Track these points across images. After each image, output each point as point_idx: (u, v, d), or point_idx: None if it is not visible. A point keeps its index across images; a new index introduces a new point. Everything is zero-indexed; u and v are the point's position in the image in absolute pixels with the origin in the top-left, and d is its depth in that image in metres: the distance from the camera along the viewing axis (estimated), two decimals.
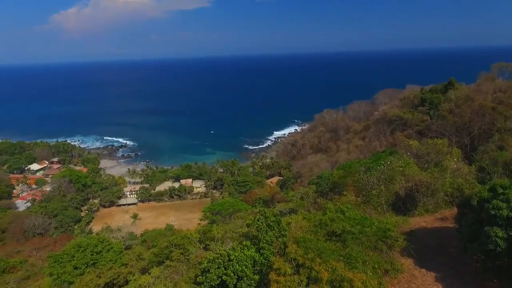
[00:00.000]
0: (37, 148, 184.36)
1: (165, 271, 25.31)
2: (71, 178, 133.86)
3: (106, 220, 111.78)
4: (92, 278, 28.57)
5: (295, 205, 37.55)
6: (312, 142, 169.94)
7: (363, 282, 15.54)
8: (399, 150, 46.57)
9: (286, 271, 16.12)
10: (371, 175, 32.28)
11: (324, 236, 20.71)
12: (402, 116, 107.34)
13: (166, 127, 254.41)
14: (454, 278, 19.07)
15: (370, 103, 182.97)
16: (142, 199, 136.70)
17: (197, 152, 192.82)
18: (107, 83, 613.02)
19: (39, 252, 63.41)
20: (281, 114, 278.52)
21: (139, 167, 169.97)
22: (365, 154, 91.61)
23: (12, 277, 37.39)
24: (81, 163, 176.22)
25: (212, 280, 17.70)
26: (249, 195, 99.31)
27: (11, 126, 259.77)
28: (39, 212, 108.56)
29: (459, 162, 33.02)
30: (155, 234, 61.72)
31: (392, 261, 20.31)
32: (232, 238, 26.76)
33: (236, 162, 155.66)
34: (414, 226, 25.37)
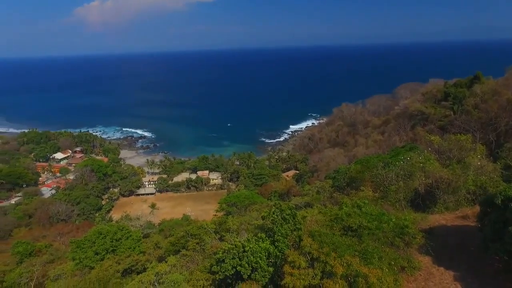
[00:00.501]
0: (61, 137, 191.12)
1: (181, 260, 25.86)
2: (92, 167, 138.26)
3: (125, 209, 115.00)
4: (112, 264, 29.57)
5: (310, 199, 37.37)
6: (329, 136, 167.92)
7: (379, 278, 15.35)
8: (420, 146, 45.35)
9: (300, 264, 16.11)
10: (389, 170, 31.60)
11: (340, 231, 20.52)
12: (424, 111, 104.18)
13: (184, 119, 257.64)
14: (474, 278, 18.53)
15: (390, 97, 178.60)
16: (160, 189, 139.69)
17: (214, 144, 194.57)
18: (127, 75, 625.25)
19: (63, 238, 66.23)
20: (299, 107, 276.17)
21: (158, 158, 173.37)
22: (384, 149, 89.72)
23: (38, 260, 39.20)
24: (102, 153, 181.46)
25: (226, 270, 17.96)
26: (265, 188, 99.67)
27: (37, 116, 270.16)
28: (63, 200, 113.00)
29: (483, 159, 31.76)
30: (172, 224, 63.04)
31: (409, 258, 19.92)
32: (247, 230, 26.97)
33: (252, 155, 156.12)
34: (433, 224, 24.74)
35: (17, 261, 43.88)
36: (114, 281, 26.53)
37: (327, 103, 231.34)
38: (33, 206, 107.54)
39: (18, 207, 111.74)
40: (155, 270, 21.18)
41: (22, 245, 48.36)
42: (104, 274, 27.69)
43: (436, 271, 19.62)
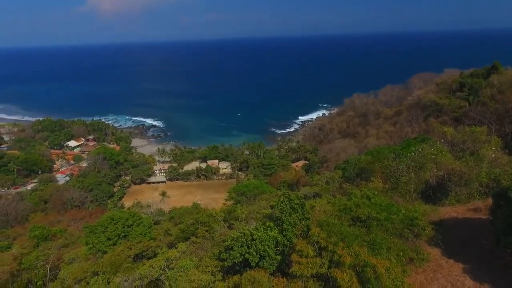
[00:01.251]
0: (75, 126, 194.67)
1: (191, 246, 26.34)
2: (105, 155, 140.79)
3: (136, 196, 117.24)
4: (123, 249, 30.33)
5: (319, 189, 37.33)
6: (340, 127, 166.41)
7: (387, 268, 15.36)
8: (432, 138, 44.52)
9: (308, 253, 16.21)
10: (400, 162, 31.21)
11: (348, 221, 20.52)
12: (438, 102, 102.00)
13: (194, 109, 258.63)
14: (484, 270, 18.36)
15: (403, 88, 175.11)
16: (170, 178, 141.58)
17: (224, 134, 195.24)
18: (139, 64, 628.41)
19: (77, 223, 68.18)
20: (310, 98, 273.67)
21: (168, 146, 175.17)
22: (395, 141, 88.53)
23: (53, 244, 40.50)
24: (114, 141, 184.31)
25: (235, 257, 18.23)
26: (274, 178, 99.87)
27: (51, 105, 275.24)
28: (77, 186, 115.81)
29: (498, 152, 31.04)
30: (182, 212, 63.94)
31: (418, 250, 19.85)
32: (255, 218, 27.21)
33: (262, 145, 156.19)
34: (443, 216, 24.48)
35: (34, 244, 45.42)
36: (125, 266, 27.26)
37: (338, 94, 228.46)
38: (48, 192, 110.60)
39: (34, 193, 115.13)
40: (165, 256, 21.64)
41: (38, 229, 49.96)
42: (116, 258, 28.46)
43: (445, 263, 19.50)
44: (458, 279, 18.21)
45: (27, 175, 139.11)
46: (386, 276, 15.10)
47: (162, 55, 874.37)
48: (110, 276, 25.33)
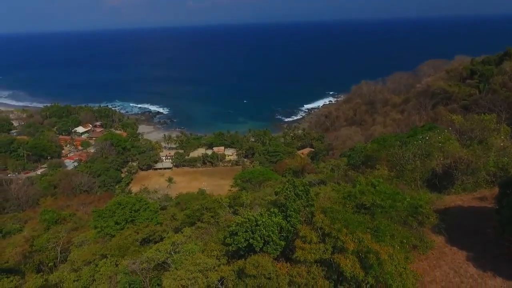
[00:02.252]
0: (82, 112, 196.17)
1: (196, 231, 26.79)
2: (112, 141, 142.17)
3: (143, 182, 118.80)
4: (131, 233, 30.99)
5: (324, 177, 37.41)
6: (346, 114, 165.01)
7: (390, 255, 15.49)
8: (440, 126, 44.00)
9: (312, 239, 16.39)
10: (407, 149, 31.01)
11: (353, 208, 20.60)
12: (447, 89, 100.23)
13: (200, 95, 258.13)
14: (488, 259, 18.41)
15: (412, 75, 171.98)
16: (176, 164, 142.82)
17: (230, 120, 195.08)
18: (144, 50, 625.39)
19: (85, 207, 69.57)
20: (317, 85, 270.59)
21: (174, 133, 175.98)
22: (403, 129, 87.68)
23: (63, 227, 41.52)
24: (121, 127, 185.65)
25: (239, 242, 18.50)
26: (279, 165, 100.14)
27: (58, 91, 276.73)
28: (85, 172, 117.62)
29: (507, 140, 30.60)
30: (188, 198, 64.69)
31: (422, 237, 19.94)
32: (260, 204, 27.47)
33: (267, 132, 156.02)
34: (449, 204, 24.44)
35: (44, 227, 46.60)
36: (133, 249, 27.91)
37: (345, 81, 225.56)
38: (58, 177, 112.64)
39: (43, 178, 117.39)
40: (171, 240, 22.07)
41: (48, 213, 51.15)
42: (124, 242, 29.13)
43: (448, 251, 19.59)
44: (461, 267, 18.31)
45: (36, 160, 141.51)
46: (388, 263, 15.26)
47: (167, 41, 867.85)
48: (118, 258, 26.00)
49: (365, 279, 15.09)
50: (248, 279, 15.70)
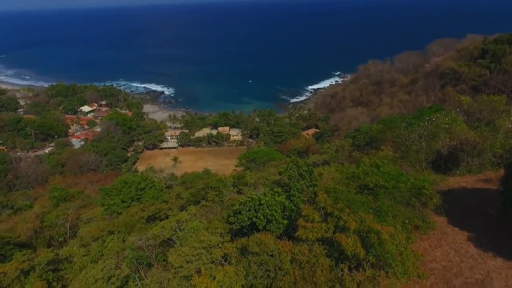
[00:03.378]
0: (87, 91, 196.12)
1: (201, 210, 27.26)
2: (117, 120, 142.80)
3: (149, 161, 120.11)
4: (137, 211, 31.65)
5: (328, 157, 37.41)
6: (353, 95, 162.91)
7: (391, 235, 15.64)
8: (448, 107, 43.30)
9: (314, 218, 16.59)
10: (412, 131, 30.72)
11: (356, 189, 20.71)
12: (457, 69, 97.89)
13: (204, 75, 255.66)
14: (489, 239, 18.54)
15: (421, 54, 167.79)
16: (182, 144, 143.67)
17: (235, 100, 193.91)
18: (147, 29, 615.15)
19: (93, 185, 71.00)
20: (323, 65, 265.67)
21: (179, 113, 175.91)
22: (409, 110, 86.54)
23: (71, 205, 42.57)
24: (126, 107, 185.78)
25: (243, 221, 18.83)
26: (284, 145, 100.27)
27: (63, 70, 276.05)
28: (91, 151, 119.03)
29: None
30: (193, 177, 65.54)
31: (424, 218, 20.06)
32: (264, 184, 27.72)
33: (272, 112, 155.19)
34: (453, 186, 24.42)
35: (54, 204, 47.85)
36: (139, 226, 28.61)
37: (353, 60, 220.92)
38: (65, 156, 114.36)
39: (51, 156, 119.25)
40: (176, 218, 22.51)
41: (57, 190, 52.35)
42: (130, 219, 29.82)
43: (450, 231, 19.75)
44: (462, 247, 18.50)
45: (44, 139, 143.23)
46: (390, 242, 15.43)
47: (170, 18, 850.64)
48: (125, 235, 26.72)
49: (366, 258, 15.35)
50: (251, 256, 16.07)
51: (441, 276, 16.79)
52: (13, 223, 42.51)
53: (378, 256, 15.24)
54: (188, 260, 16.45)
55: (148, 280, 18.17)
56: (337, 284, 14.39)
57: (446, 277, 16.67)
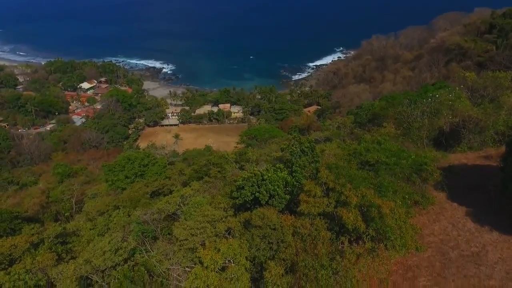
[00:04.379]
0: (86, 67, 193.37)
1: (204, 185, 27.69)
2: (118, 97, 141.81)
3: (151, 138, 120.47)
4: (141, 186, 32.18)
5: (330, 134, 37.48)
6: (355, 71, 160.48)
7: (391, 209, 15.99)
8: (452, 84, 42.82)
9: (316, 193, 16.90)
10: (415, 108, 30.58)
11: (357, 165, 20.94)
12: (463, 45, 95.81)
13: (204, 51, 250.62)
14: (487, 214, 18.93)
15: (427, 29, 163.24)
16: (183, 121, 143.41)
17: (236, 77, 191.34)
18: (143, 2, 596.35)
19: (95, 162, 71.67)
20: (325, 41, 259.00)
21: (180, 90, 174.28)
22: (413, 87, 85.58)
23: (76, 181, 43.29)
24: (126, 83, 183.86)
25: (246, 196, 19.21)
26: (285, 122, 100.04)
27: (61, 45, 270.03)
28: (93, 128, 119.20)
29: None
30: (195, 154, 66.05)
31: (424, 193, 20.39)
32: (266, 161, 27.97)
33: (274, 89, 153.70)
34: (453, 162, 24.61)
35: (58, 180, 48.59)
36: (144, 201, 29.19)
37: (356, 35, 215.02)
38: (67, 133, 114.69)
39: (53, 134, 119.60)
40: (180, 193, 22.95)
41: (61, 167, 53.01)
42: (135, 194, 30.39)
43: (449, 206, 20.14)
44: (460, 221, 18.95)
45: (44, 116, 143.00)
46: (389, 216, 15.81)
47: None
48: (130, 210, 27.31)
49: (366, 231, 15.78)
50: (254, 229, 16.51)
51: (438, 249, 17.33)
52: (20, 199, 43.37)
53: (378, 230, 15.66)
54: (192, 233, 16.92)
55: (154, 252, 18.78)
56: (337, 256, 14.87)
57: (443, 250, 17.20)
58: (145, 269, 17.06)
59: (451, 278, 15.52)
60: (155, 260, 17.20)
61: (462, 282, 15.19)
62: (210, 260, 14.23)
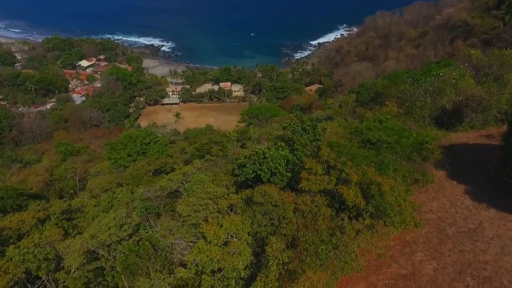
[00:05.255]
0: (84, 44, 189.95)
1: (206, 163, 27.94)
2: (118, 76, 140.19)
3: (151, 117, 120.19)
4: (143, 164, 32.50)
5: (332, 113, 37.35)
6: (358, 49, 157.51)
7: (391, 187, 16.23)
8: (456, 62, 42.13)
9: (317, 171, 17.09)
10: (418, 86, 30.27)
11: (359, 143, 21.01)
12: (469, 22, 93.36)
13: (204, 28, 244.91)
14: (485, 192, 19.18)
15: (433, 5, 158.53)
16: (183, 100, 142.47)
17: (236, 54, 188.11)
18: None
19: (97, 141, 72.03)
20: (327, 17, 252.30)
21: (180, 68, 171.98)
22: (417, 65, 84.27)
23: (78, 159, 43.63)
24: (126, 61, 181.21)
25: (247, 173, 19.45)
26: (287, 101, 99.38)
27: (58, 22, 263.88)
28: (93, 106, 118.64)
29: None
30: (196, 132, 66.10)
31: (424, 172, 20.58)
32: (267, 139, 28.07)
33: (275, 67, 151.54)
34: (454, 141, 24.66)
35: (61, 158, 49.00)
36: (146, 179, 29.59)
37: (359, 12, 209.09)
38: (68, 112, 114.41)
39: (54, 112, 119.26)
40: (182, 171, 23.23)
41: (63, 145, 53.28)
42: (137, 172, 30.75)
43: (448, 184, 20.37)
44: (458, 199, 19.24)
45: (44, 95, 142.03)
46: (389, 194, 16.06)
47: None
48: (133, 187, 27.73)
49: (366, 208, 16.09)
50: (256, 206, 16.84)
51: (436, 226, 17.71)
52: (24, 176, 43.93)
53: (378, 207, 15.95)
54: (195, 209, 17.30)
55: (158, 227, 19.25)
56: (337, 232, 15.25)
57: (441, 227, 17.59)
58: (149, 244, 17.59)
59: (447, 253, 15.96)
60: (159, 235, 17.67)
61: (458, 256, 15.63)
62: (213, 235, 14.62)
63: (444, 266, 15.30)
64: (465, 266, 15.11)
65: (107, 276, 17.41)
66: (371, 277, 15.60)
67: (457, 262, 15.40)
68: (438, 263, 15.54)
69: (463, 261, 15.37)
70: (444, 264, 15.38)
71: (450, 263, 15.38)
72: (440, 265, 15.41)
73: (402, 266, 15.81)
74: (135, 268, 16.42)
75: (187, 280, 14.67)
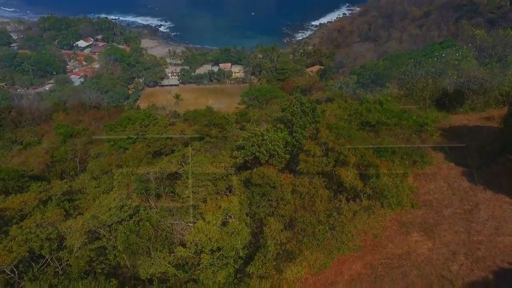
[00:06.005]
0: (81, 24, 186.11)
1: (205, 145, 27.99)
2: (116, 56, 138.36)
3: (151, 99, 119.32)
4: (143, 146, 32.53)
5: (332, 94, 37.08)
6: (361, 29, 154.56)
7: (389, 168, 16.33)
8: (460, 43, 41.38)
9: (315, 153, 17.13)
10: (419, 68, 29.87)
11: (358, 125, 20.98)
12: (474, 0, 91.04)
13: (203, 6, 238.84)
14: (483, 174, 19.25)
15: None
16: (183, 81, 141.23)
17: (236, 35, 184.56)
18: None
19: (97, 122, 71.66)
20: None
21: (179, 48, 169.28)
22: (419, 45, 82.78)
23: (78, 141, 43.54)
24: (124, 41, 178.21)
25: (246, 155, 19.51)
26: (287, 83, 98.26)
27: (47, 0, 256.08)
28: (92, 88, 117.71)
29: None
30: (196, 114, 65.54)
31: (423, 154, 20.61)
32: (267, 121, 28.00)
33: (276, 48, 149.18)
34: (454, 123, 24.55)
35: (61, 140, 48.94)
36: (146, 160, 29.70)
37: None
38: (66, 93, 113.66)
39: (53, 93, 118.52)
40: (182, 153, 23.29)
41: (63, 127, 53.07)
42: (137, 154, 30.83)
43: (446, 166, 20.44)
44: (455, 181, 19.35)
45: (42, 76, 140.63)
46: (387, 175, 16.18)
47: None
48: (133, 169, 27.84)
49: (363, 190, 16.23)
50: (254, 187, 17.00)
51: (432, 207, 17.91)
52: (24, 158, 44.02)
53: (375, 188, 16.09)
54: (194, 191, 17.49)
55: (158, 208, 19.50)
56: (334, 213, 15.45)
57: (437, 208, 17.79)
58: (149, 224, 17.85)
59: (442, 234, 16.22)
60: (159, 216, 17.92)
61: (453, 237, 15.90)
62: (212, 215, 14.82)
63: (439, 246, 15.59)
64: (459, 246, 15.39)
65: (109, 255, 17.77)
66: (367, 257, 15.92)
67: (451, 242, 15.67)
68: (433, 243, 15.82)
69: (457, 242, 15.64)
70: (439, 245, 15.67)
71: (445, 243, 15.66)
72: (435, 245, 15.69)
73: (398, 246, 16.10)
74: (136, 248, 16.75)
75: (186, 259, 15.00)
